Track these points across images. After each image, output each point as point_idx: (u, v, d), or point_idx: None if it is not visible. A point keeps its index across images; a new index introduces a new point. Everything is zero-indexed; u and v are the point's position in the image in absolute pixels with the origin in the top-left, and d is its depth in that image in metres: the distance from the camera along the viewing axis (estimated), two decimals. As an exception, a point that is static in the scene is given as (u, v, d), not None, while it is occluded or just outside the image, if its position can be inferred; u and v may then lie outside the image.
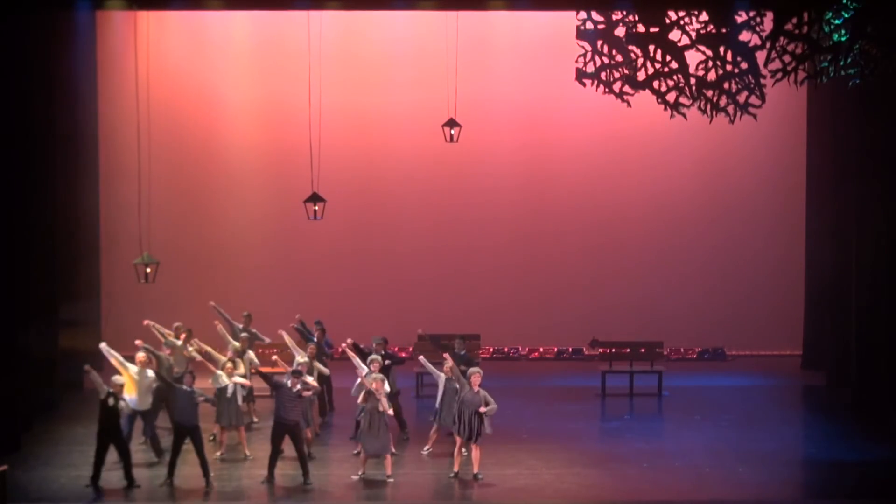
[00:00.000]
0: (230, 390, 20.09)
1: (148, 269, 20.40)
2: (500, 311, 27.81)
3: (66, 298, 24.37)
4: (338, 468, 19.73)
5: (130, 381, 19.56)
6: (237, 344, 21.99)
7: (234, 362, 20.56)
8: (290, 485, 18.98)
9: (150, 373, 19.82)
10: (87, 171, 26.09)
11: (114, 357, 19.81)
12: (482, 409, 19.11)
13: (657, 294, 27.95)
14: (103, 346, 20.20)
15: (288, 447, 19.34)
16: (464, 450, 19.62)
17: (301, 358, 20.88)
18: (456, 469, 19.28)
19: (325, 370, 21.34)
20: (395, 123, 27.64)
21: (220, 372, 20.20)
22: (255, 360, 22.17)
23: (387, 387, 19.48)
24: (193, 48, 27.63)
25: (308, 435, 20.01)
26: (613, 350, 25.14)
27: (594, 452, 20.75)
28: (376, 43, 27.64)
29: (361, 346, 21.21)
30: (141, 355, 20.00)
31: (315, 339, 22.43)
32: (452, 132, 24.08)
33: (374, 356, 20.26)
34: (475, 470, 19.22)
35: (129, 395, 19.45)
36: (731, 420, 22.78)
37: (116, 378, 19.05)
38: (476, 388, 19.29)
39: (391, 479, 19.05)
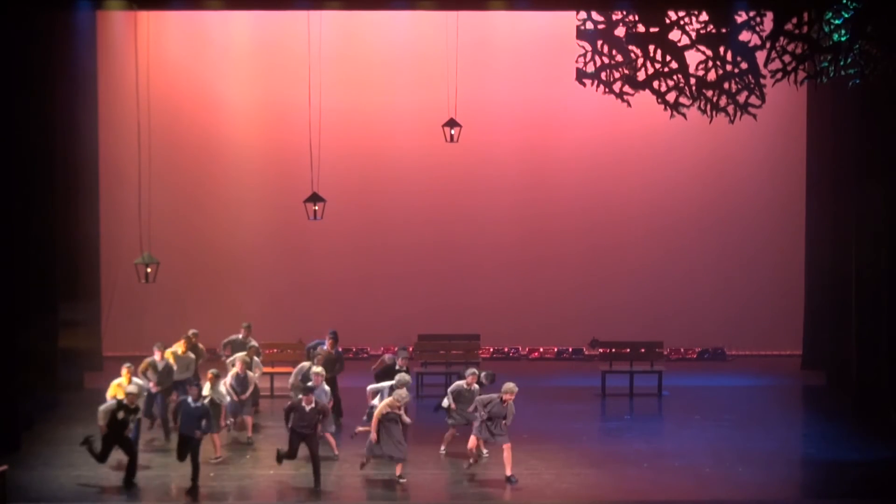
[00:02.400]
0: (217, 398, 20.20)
1: (148, 269, 20.40)
2: (500, 311, 27.80)
3: (66, 298, 24.37)
4: (342, 468, 19.72)
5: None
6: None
7: (216, 375, 20.57)
8: (294, 484, 18.99)
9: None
10: (87, 170, 26.08)
11: None
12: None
13: (657, 294, 27.94)
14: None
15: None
16: (484, 450, 19.69)
17: (316, 368, 20.78)
18: (472, 461, 19.34)
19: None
20: (395, 123, 27.63)
21: (207, 383, 20.26)
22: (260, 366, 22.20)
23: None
24: (193, 48, 27.62)
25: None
26: (613, 350, 25.14)
27: (594, 452, 20.76)
28: (376, 43, 27.63)
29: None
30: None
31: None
32: (452, 132, 24.08)
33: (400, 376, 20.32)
34: (508, 472, 19.15)
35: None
36: (731, 420, 22.78)
37: (130, 388, 19.14)
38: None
39: (403, 480, 19.08)
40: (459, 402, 20.12)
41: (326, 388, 20.40)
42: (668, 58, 21.23)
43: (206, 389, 20.10)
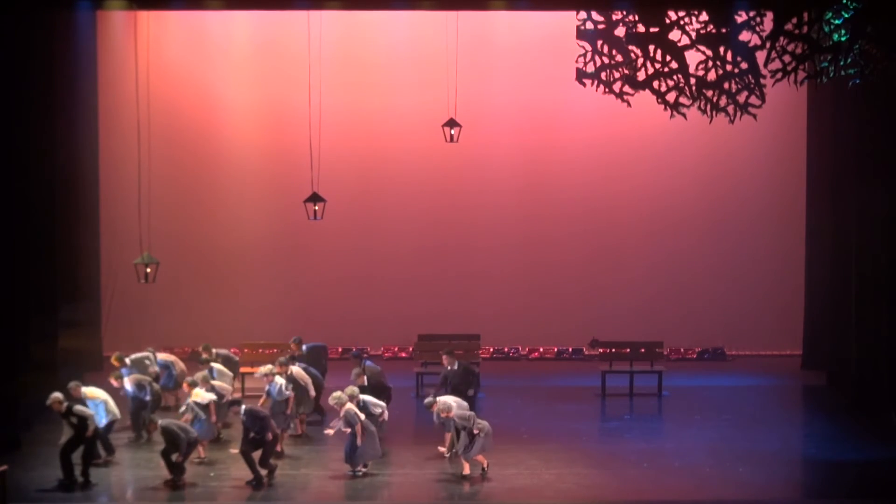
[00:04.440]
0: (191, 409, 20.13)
1: (148, 269, 20.41)
2: (500, 311, 27.79)
3: (66, 298, 24.36)
4: (335, 468, 19.71)
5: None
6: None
7: (192, 383, 20.53)
8: (287, 483, 18.99)
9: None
10: (87, 170, 26.08)
11: None
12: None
13: (657, 294, 27.93)
14: None
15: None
16: (484, 462, 19.60)
17: (263, 368, 20.75)
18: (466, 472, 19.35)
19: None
20: (395, 124, 27.62)
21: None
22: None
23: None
24: (193, 48, 27.62)
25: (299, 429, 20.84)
26: (613, 350, 25.12)
27: (594, 452, 20.76)
28: (376, 43, 27.62)
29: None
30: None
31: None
32: (452, 132, 24.09)
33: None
34: (484, 464, 19.31)
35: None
36: (731, 420, 22.78)
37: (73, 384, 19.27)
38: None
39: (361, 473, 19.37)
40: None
41: (280, 381, 20.41)
42: (668, 58, 21.22)
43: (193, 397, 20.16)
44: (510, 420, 22.33)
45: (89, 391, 19.94)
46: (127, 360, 21.87)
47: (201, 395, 20.13)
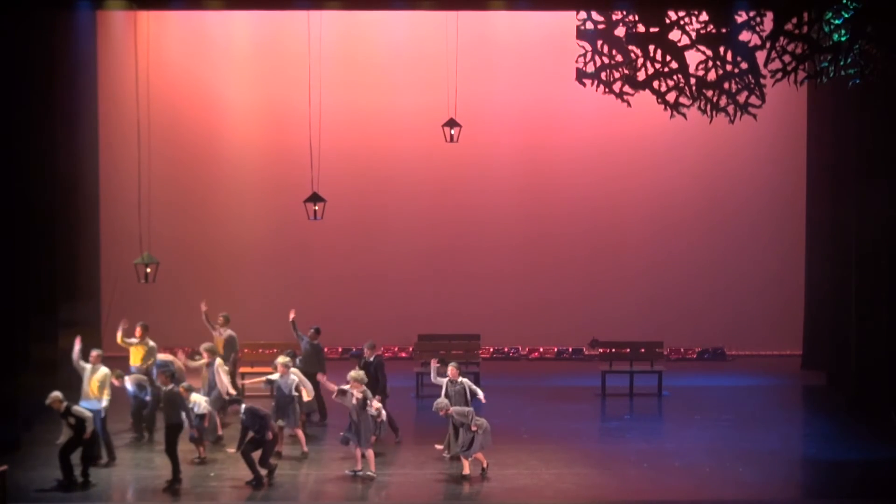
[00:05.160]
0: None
1: (148, 269, 20.42)
2: (500, 311, 27.80)
3: (66, 298, 24.35)
4: (336, 468, 19.72)
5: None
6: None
7: (188, 388, 20.42)
8: (287, 483, 18.99)
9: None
10: (87, 171, 26.07)
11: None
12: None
13: (657, 294, 27.94)
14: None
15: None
16: (484, 462, 19.55)
17: (282, 358, 20.69)
18: (466, 472, 19.31)
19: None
20: (395, 123, 27.63)
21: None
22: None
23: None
24: (193, 48, 27.63)
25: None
26: (613, 350, 25.13)
27: (594, 452, 20.76)
28: (376, 43, 27.63)
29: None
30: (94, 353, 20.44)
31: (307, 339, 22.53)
32: (452, 132, 24.10)
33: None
34: (484, 464, 19.31)
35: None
36: (731, 420, 22.78)
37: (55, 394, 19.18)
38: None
39: (366, 475, 19.23)
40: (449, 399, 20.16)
41: (292, 378, 20.39)
42: (668, 58, 21.24)
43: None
44: (510, 420, 22.32)
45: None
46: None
47: (200, 403, 20.00)
